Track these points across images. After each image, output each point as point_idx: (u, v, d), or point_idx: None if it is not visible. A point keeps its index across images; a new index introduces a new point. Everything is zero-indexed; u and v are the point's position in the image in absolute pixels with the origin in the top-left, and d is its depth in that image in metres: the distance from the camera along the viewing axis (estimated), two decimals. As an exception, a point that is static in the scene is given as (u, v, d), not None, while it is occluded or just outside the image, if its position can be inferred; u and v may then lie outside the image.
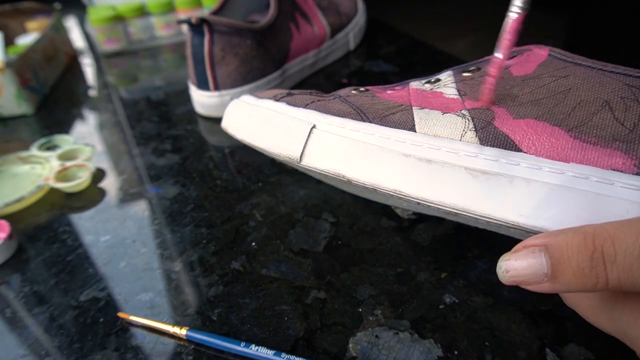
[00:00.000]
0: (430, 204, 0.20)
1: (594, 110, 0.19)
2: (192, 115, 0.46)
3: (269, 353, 0.21)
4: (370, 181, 0.21)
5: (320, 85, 0.51)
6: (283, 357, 0.21)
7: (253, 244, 0.29)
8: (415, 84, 0.25)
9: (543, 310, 0.23)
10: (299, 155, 0.23)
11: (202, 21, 0.40)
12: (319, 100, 0.25)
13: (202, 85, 0.43)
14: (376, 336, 0.23)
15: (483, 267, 0.26)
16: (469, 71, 0.24)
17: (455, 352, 0.22)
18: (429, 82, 0.25)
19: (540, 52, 0.22)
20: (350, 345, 0.22)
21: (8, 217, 0.34)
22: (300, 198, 0.33)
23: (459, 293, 0.25)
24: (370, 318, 0.24)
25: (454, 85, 0.23)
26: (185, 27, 0.64)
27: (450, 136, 0.21)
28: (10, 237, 0.30)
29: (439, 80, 0.24)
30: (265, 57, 0.44)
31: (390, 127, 0.22)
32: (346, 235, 0.29)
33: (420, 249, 0.28)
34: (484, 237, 0.28)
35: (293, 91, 0.27)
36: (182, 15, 0.66)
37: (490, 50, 0.26)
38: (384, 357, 0.22)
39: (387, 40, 0.61)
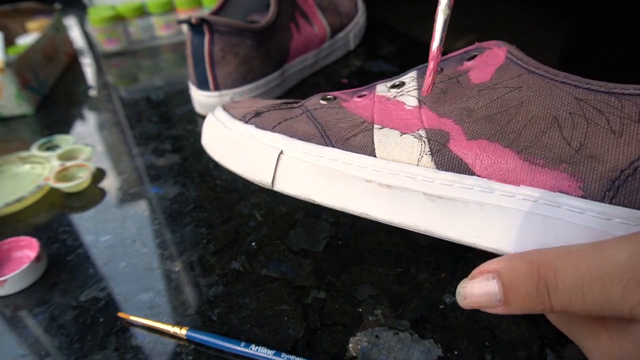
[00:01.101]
0: (395, 225, 0.21)
1: (543, 127, 0.19)
2: (192, 115, 0.46)
3: (269, 353, 0.21)
4: (338, 205, 0.23)
5: (320, 85, 0.51)
6: (283, 357, 0.21)
7: (253, 244, 0.29)
8: (380, 89, 0.25)
9: (543, 310, 0.23)
10: (270, 181, 0.24)
11: (202, 21, 0.40)
12: (285, 120, 0.25)
13: (202, 85, 0.43)
14: (376, 336, 0.23)
15: (483, 267, 0.26)
16: None
17: (455, 352, 0.22)
18: (394, 86, 0.25)
19: (498, 53, 0.22)
20: (350, 345, 0.22)
21: (8, 217, 0.34)
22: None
23: (459, 293, 0.25)
24: (370, 318, 0.24)
25: (416, 92, 0.24)
26: (185, 27, 0.64)
27: (407, 160, 0.21)
28: (38, 258, 0.28)
29: (403, 84, 0.25)
30: (265, 57, 0.44)
31: (352, 151, 0.23)
32: (346, 235, 0.29)
33: (420, 249, 0.28)
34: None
35: (261, 108, 0.27)
36: (182, 15, 0.66)
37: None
38: (384, 357, 0.22)
39: (387, 40, 0.61)
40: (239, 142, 0.25)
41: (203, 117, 0.46)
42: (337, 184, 0.22)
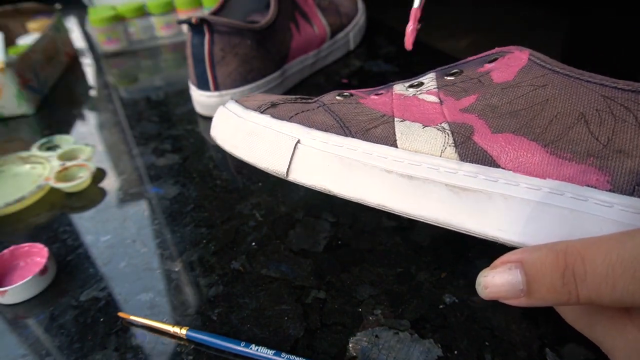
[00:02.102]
0: (412, 217, 0.21)
1: (570, 123, 0.19)
2: (192, 115, 0.46)
3: (269, 353, 0.21)
4: (355, 196, 0.22)
5: (320, 85, 0.51)
6: (283, 357, 0.21)
7: (253, 244, 0.29)
8: (398, 88, 0.25)
9: (543, 310, 0.23)
10: (285, 171, 0.23)
11: (202, 21, 0.40)
12: (302, 112, 0.25)
13: (202, 85, 0.43)
14: (376, 336, 0.23)
15: (483, 267, 0.26)
16: (451, 74, 0.24)
17: (455, 352, 0.22)
18: (412, 85, 0.25)
19: (520, 56, 0.22)
20: (350, 345, 0.22)
21: (8, 217, 0.34)
22: (300, 198, 0.33)
23: (459, 293, 0.25)
24: (370, 318, 0.24)
25: (435, 90, 0.24)
26: (185, 27, 0.64)
27: (430, 152, 0.21)
28: (43, 271, 0.27)
29: (422, 84, 0.25)
30: (265, 57, 0.44)
31: (372, 142, 0.22)
32: (346, 235, 0.29)
33: (420, 249, 0.28)
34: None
35: (277, 100, 0.27)
36: (182, 15, 0.66)
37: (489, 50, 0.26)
38: (384, 357, 0.22)
39: (387, 40, 0.61)
40: (254, 131, 0.25)
41: (203, 117, 0.46)
42: (356, 174, 0.22)
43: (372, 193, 0.22)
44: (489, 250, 0.27)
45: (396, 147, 0.22)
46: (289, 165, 0.23)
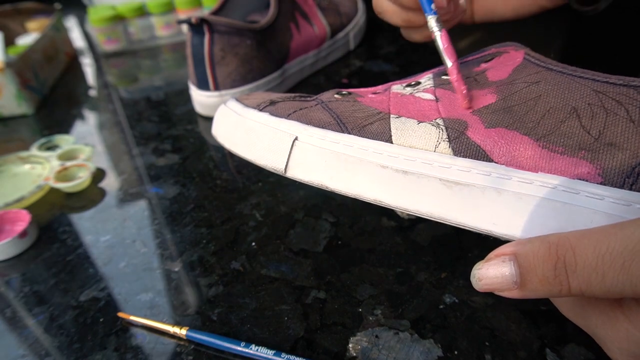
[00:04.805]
0: (408, 212, 0.21)
1: (562, 117, 0.19)
2: (192, 115, 0.46)
3: (269, 353, 0.21)
4: (351, 192, 0.22)
5: (320, 85, 0.51)
6: (283, 357, 0.21)
7: (253, 244, 0.29)
8: (396, 88, 0.25)
9: (543, 310, 0.23)
10: (283, 167, 0.24)
11: (202, 21, 0.40)
12: (301, 109, 0.25)
13: (202, 85, 0.43)
14: (376, 336, 0.23)
15: (483, 267, 0.26)
16: (447, 74, 0.25)
17: (455, 352, 0.22)
18: (409, 85, 0.25)
19: (516, 55, 0.23)
20: (350, 345, 0.22)
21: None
22: (300, 198, 0.33)
23: (459, 293, 0.25)
24: (370, 318, 0.24)
25: (432, 89, 0.24)
26: (185, 27, 0.64)
27: (424, 147, 0.21)
28: (23, 234, 0.30)
29: (419, 83, 0.25)
30: (265, 57, 0.44)
31: (368, 138, 0.22)
32: (346, 235, 0.29)
33: (420, 249, 0.28)
34: (484, 237, 0.28)
35: (276, 98, 0.27)
36: (182, 15, 0.66)
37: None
38: (384, 357, 0.22)
39: (387, 40, 0.61)
40: (252, 129, 0.25)
41: (203, 117, 0.46)
42: (352, 170, 0.22)
43: (368, 189, 0.22)
44: (489, 251, 0.27)
45: (391, 142, 0.22)
46: (287, 162, 0.24)
